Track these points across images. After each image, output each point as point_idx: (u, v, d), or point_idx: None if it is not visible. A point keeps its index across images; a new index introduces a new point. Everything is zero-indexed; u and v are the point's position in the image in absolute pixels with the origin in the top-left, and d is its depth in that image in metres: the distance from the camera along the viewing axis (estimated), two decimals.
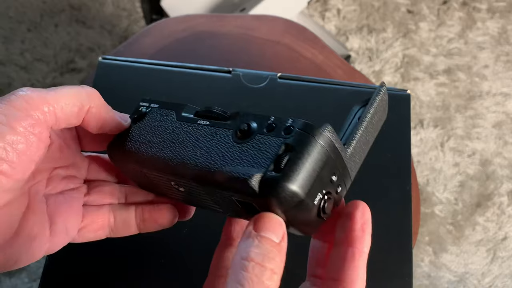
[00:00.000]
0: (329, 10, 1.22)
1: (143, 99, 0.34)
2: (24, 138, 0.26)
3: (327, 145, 0.26)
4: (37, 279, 0.94)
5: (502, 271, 0.99)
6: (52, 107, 0.28)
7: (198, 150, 0.28)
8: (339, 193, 0.28)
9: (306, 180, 0.25)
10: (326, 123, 0.27)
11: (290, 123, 0.26)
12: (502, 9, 1.23)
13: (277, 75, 0.51)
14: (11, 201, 0.27)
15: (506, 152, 1.08)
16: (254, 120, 0.27)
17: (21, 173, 0.27)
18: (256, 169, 0.25)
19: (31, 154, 0.27)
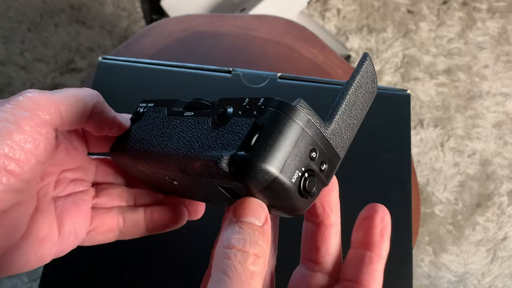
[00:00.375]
0: (329, 10, 1.22)
1: (142, 100, 0.34)
2: (31, 137, 0.26)
3: (300, 120, 0.26)
4: (37, 279, 0.94)
5: (502, 271, 0.99)
6: (58, 108, 0.28)
7: (181, 141, 0.28)
8: (324, 171, 0.27)
9: (277, 157, 0.24)
10: (300, 98, 0.26)
11: (261, 102, 0.26)
12: (502, 9, 1.23)
13: (277, 75, 0.51)
14: (19, 202, 0.27)
15: (506, 152, 1.08)
16: (230, 104, 0.27)
17: (29, 173, 0.27)
18: (226, 151, 0.25)
19: (38, 154, 0.27)
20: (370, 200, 0.46)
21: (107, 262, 0.43)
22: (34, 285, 0.93)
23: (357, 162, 0.48)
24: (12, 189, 0.26)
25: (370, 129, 0.49)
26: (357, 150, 0.48)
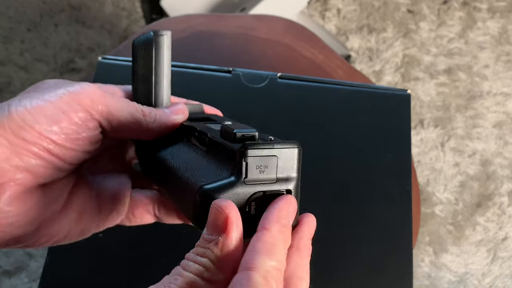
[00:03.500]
0: (329, 10, 1.22)
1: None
2: (79, 129, 0.29)
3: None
4: (37, 279, 0.94)
5: (503, 271, 0.98)
6: (110, 114, 0.30)
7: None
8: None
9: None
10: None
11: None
12: (502, 9, 1.23)
13: (277, 75, 0.51)
14: (60, 178, 0.30)
15: (506, 152, 1.08)
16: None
17: (71, 156, 0.29)
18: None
19: (83, 144, 0.29)
20: (370, 200, 0.46)
21: (107, 262, 0.43)
22: (34, 285, 0.93)
23: (357, 162, 0.48)
24: (53, 167, 0.28)
25: (370, 129, 0.49)
26: (357, 150, 0.48)
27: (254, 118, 0.48)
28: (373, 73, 1.15)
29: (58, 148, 0.28)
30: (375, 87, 0.52)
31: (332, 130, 0.49)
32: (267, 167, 0.27)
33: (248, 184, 0.26)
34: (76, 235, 0.33)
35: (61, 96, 0.28)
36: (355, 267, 0.43)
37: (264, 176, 0.27)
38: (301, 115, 0.49)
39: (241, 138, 0.27)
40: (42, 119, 0.27)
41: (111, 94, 0.30)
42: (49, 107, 0.28)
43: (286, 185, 0.28)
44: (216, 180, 0.26)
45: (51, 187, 0.30)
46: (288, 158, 0.28)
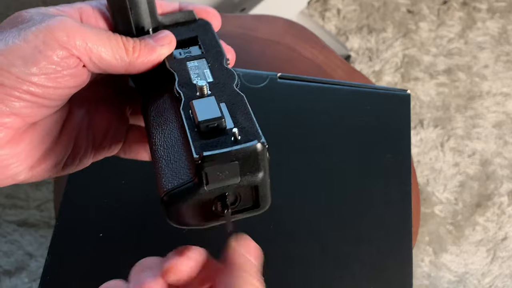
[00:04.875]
0: (329, 10, 1.22)
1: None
2: (59, 67, 0.27)
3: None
4: (37, 279, 0.94)
5: (502, 271, 0.99)
6: (90, 50, 0.28)
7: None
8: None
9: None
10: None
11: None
12: (502, 9, 1.23)
13: (277, 75, 0.51)
14: (49, 114, 0.29)
15: (506, 152, 1.08)
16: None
17: (55, 95, 0.28)
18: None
19: (65, 81, 0.28)
20: (370, 200, 0.46)
21: (107, 263, 0.43)
22: (34, 285, 0.93)
23: (357, 162, 0.48)
24: (39, 106, 0.28)
25: (370, 129, 0.49)
26: (357, 150, 0.48)
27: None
28: (373, 73, 1.15)
29: (40, 89, 0.27)
30: (375, 87, 0.52)
31: (332, 130, 0.49)
32: (229, 172, 0.26)
33: (210, 189, 0.26)
34: (73, 167, 0.33)
35: (36, 34, 0.27)
36: (354, 267, 0.43)
37: (226, 181, 0.26)
38: (301, 115, 0.49)
39: (206, 131, 0.27)
40: (18, 61, 0.26)
41: (90, 28, 0.29)
42: (24, 47, 0.27)
43: (251, 182, 0.27)
44: (180, 184, 0.26)
45: (42, 124, 0.30)
46: (250, 160, 0.26)
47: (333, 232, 0.44)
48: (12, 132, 0.28)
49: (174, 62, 0.31)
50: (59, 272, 0.42)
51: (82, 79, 0.29)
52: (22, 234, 0.97)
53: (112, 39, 0.29)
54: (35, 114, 0.28)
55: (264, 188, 0.28)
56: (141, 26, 0.32)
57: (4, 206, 0.99)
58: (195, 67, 0.31)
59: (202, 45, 0.32)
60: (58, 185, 0.60)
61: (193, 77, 0.30)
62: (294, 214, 0.45)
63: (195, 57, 0.32)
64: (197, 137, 0.27)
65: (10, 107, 0.27)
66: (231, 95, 0.29)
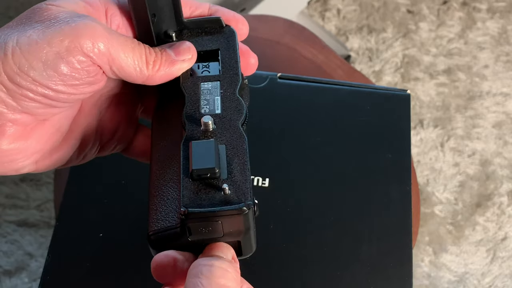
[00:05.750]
0: (329, 10, 1.22)
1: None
2: (77, 73, 0.27)
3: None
4: (37, 279, 0.94)
5: (502, 271, 0.99)
6: (112, 59, 0.28)
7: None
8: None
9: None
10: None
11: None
12: (502, 9, 1.23)
13: (277, 75, 0.51)
14: (59, 113, 0.29)
15: (506, 152, 1.08)
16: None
17: (69, 99, 0.28)
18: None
19: (81, 88, 0.28)
20: (370, 200, 0.46)
21: (107, 263, 0.43)
22: (34, 285, 0.93)
23: (357, 162, 0.48)
24: (51, 106, 0.28)
25: (370, 129, 0.49)
26: (357, 150, 0.48)
27: (254, 118, 0.48)
28: (373, 73, 1.15)
29: (55, 93, 0.27)
30: (375, 87, 0.52)
31: (331, 130, 0.49)
32: (212, 228, 0.26)
33: (193, 239, 0.27)
34: (76, 162, 0.33)
35: (62, 39, 0.26)
36: (354, 267, 0.43)
37: (209, 236, 0.27)
38: (301, 115, 0.49)
39: (198, 179, 0.27)
40: (38, 65, 0.26)
41: (117, 35, 0.28)
42: (47, 50, 0.26)
43: (234, 238, 0.27)
44: (167, 228, 0.27)
45: (51, 121, 0.30)
46: (233, 222, 0.26)
47: (333, 232, 0.44)
48: (21, 129, 0.28)
49: (188, 81, 0.31)
50: (59, 272, 0.42)
51: (99, 85, 0.29)
52: (22, 234, 0.97)
53: (136, 50, 0.29)
54: (46, 114, 0.28)
55: (247, 242, 0.28)
56: (163, 30, 0.31)
57: (4, 206, 0.99)
58: (207, 92, 0.31)
59: (222, 62, 0.32)
60: (58, 185, 0.60)
61: (202, 105, 0.30)
62: (294, 214, 0.45)
63: (211, 78, 0.31)
64: (189, 184, 0.27)
65: (22, 106, 0.27)
66: (234, 136, 0.29)
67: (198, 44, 0.32)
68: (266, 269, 0.43)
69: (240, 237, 0.27)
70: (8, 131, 0.27)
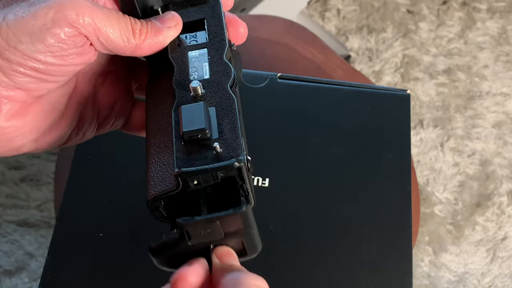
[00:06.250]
0: (329, 10, 1.22)
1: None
2: (66, 45, 0.27)
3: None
4: (37, 279, 0.94)
5: (502, 271, 0.99)
6: (98, 30, 0.28)
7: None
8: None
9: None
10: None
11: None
12: (502, 9, 1.23)
13: (277, 75, 0.51)
14: (54, 88, 0.30)
15: (506, 152, 1.08)
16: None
17: (59, 71, 0.28)
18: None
19: (70, 59, 0.28)
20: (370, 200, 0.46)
21: (108, 263, 0.43)
22: (34, 285, 0.93)
23: (357, 162, 0.48)
24: (44, 81, 0.28)
25: (370, 129, 0.49)
26: (357, 150, 0.48)
27: (254, 118, 0.48)
28: (373, 73, 1.15)
29: (45, 65, 0.27)
30: (375, 87, 0.52)
31: (331, 130, 0.49)
32: (210, 230, 0.26)
33: (193, 243, 0.27)
34: (75, 141, 0.33)
35: (46, 11, 0.27)
36: (354, 267, 0.43)
37: (209, 239, 0.27)
38: (301, 115, 0.49)
39: (190, 141, 0.27)
40: (25, 38, 0.26)
41: (101, 7, 0.29)
42: (33, 23, 0.27)
43: (236, 237, 0.27)
44: (164, 192, 0.27)
45: (47, 98, 0.30)
46: (232, 221, 0.26)
47: (333, 231, 0.44)
48: (17, 105, 0.28)
49: (176, 52, 0.32)
50: (59, 272, 0.42)
51: (88, 57, 0.29)
52: (22, 234, 0.97)
53: (121, 20, 0.29)
54: (40, 89, 0.29)
55: (250, 240, 0.28)
56: (150, 5, 0.32)
57: (4, 206, 0.99)
58: (195, 59, 0.31)
59: (208, 30, 0.32)
60: (58, 185, 0.60)
61: (190, 72, 0.31)
62: (294, 214, 0.45)
63: (198, 46, 0.32)
64: (181, 147, 0.27)
65: (15, 82, 0.27)
66: (223, 98, 0.29)
67: (184, 16, 0.32)
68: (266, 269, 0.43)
69: (242, 235, 0.27)
70: (4, 108, 0.28)
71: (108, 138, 0.48)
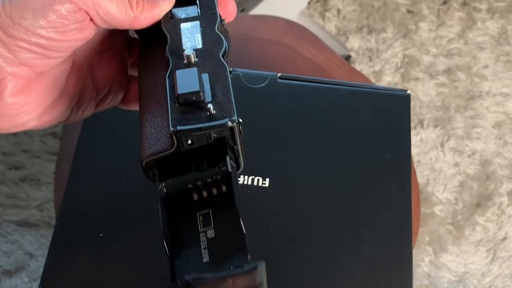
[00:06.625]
0: (329, 10, 1.22)
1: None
2: (67, 20, 0.29)
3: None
4: (37, 279, 0.94)
5: (502, 271, 0.99)
6: (97, 4, 0.29)
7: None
8: None
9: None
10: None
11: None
12: (502, 9, 1.23)
13: (277, 75, 0.51)
14: (56, 65, 0.31)
15: (506, 152, 1.08)
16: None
17: (63, 48, 0.30)
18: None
19: (72, 35, 0.29)
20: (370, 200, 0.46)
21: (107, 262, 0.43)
22: (34, 285, 0.93)
23: (357, 162, 0.48)
24: (46, 57, 0.30)
25: (370, 129, 0.49)
26: (357, 150, 0.48)
27: (254, 118, 0.48)
28: (373, 73, 1.15)
29: (47, 41, 0.29)
30: (375, 87, 0.52)
31: (331, 130, 0.49)
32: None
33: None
34: (76, 118, 0.35)
35: None
36: (354, 267, 0.43)
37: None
38: (301, 115, 0.49)
39: (184, 104, 0.29)
40: (28, 14, 0.28)
41: None
42: (34, 0, 0.28)
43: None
44: (158, 151, 0.29)
45: (48, 75, 0.31)
46: (246, 280, 0.27)
47: (333, 232, 0.44)
48: (22, 82, 0.30)
49: (169, 23, 0.33)
50: (59, 272, 0.42)
51: (88, 32, 0.30)
52: (22, 234, 0.97)
53: None
54: (43, 65, 0.30)
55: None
56: None
57: (4, 206, 0.99)
58: (188, 30, 0.33)
59: (200, 5, 0.34)
60: (58, 185, 0.60)
61: (184, 42, 0.32)
62: (294, 214, 0.45)
63: (190, 19, 0.33)
64: (176, 108, 0.29)
65: (19, 58, 0.29)
66: (215, 65, 0.31)
67: None
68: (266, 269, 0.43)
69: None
70: (10, 84, 0.29)
71: (108, 138, 0.48)
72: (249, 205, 0.45)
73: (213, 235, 0.30)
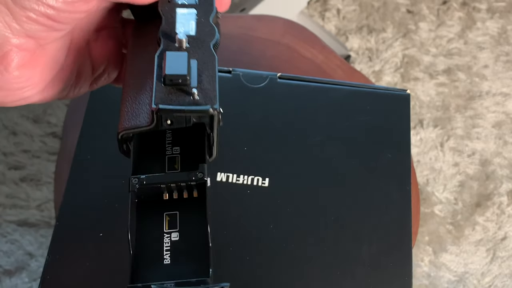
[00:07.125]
0: (329, 10, 1.22)
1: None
2: None
3: None
4: (37, 279, 0.94)
5: (502, 271, 0.99)
6: None
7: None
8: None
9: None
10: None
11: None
12: (502, 9, 1.23)
13: (277, 75, 0.51)
14: (57, 40, 0.32)
15: (506, 152, 1.08)
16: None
17: (68, 19, 0.30)
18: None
19: (79, 5, 0.30)
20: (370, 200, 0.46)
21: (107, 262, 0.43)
22: (34, 285, 0.93)
23: (357, 162, 0.48)
24: (51, 29, 0.30)
25: (370, 129, 0.49)
26: (357, 150, 0.48)
27: (253, 118, 0.49)
28: (373, 73, 1.15)
29: (55, 12, 0.29)
30: (375, 87, 0.52)
31: (331, 130, 0.49)
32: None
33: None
34: (73, 94, 0.36)
35: None
36: (354, 267, 0.43)
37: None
38: (301, 115, 0.49)
39: (170, 85, 0.29)
40: None
41: None
42: None
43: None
44: (136, 126, 0.30)
45: (50, 50, 0.32)
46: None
47: (333, 232, 0.44)
48: (28, 55, 0.30)
49: (165, 6, 0.33)
50: (59, 272, 0.42)
51: (92, 4, 0.31)
52: (22, 234, 0.97)
53: None
54: (47, 37, 0.30)
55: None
56: None
57: (4, 206, 0.99)
58: (183, 16, 0.33)
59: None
60: (58, 185, 0.60)
61: (177, 26, 0.32)
62: (294, 214, 0.45)
63: (187, 6, 0.33)
64: (161, 88, 0.29)
65: (26, 29, 0.29)
66: (205, 54, 0.31)
67: None
68: (266, 269, 0.43)
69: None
70: (15, 57, 0.30)
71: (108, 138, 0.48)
72: (249, 205, 0.45)
73: (177, 239, 0.30)
